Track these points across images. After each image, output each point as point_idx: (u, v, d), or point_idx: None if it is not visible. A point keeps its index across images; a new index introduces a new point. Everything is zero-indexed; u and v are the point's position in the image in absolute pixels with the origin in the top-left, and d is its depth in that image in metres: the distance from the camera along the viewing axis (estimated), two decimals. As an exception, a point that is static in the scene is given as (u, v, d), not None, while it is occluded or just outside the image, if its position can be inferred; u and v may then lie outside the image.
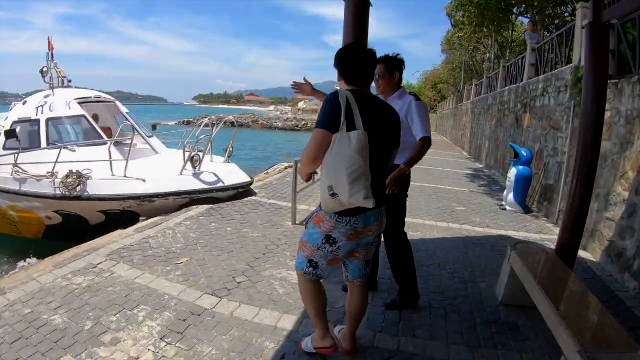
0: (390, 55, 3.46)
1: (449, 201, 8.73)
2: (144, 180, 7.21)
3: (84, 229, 7.51)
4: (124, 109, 10.39)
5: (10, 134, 8.28)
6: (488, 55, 30.08)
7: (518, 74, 13.07)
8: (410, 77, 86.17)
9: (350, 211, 2.38)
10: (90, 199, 7.18)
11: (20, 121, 8.97)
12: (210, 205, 7.13)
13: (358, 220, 2.43)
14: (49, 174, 7.53)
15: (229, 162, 8.91)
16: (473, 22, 20.86)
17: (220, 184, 7.60)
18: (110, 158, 7.43)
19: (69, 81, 10.43)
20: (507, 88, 13.65)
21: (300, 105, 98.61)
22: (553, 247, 4.71)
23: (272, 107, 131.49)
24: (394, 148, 2.60)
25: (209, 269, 4.54)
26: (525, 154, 8.24)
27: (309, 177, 2.58)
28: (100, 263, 4.69)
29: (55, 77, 10.17)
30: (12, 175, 8.05)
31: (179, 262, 4.72)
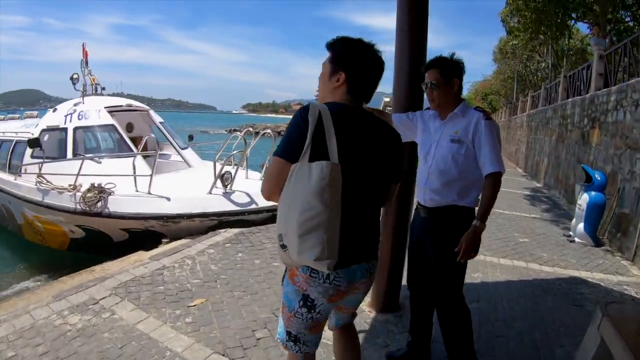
0: (445, 56, 2.68)
1: (510, 230, 7.68)
2: (168, 199, 6.60)
3: (109, 244, 7.07)
4: (158, 118, 9.92)
5: (33, 142, 7.89)
6: (543, 64, 28.63)
7: (583, 85, 11.92)
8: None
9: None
10: (110, 216, 6.66)
11: (49, 129, 8.63)
12: (240, 230, 6.37)
13: (339, 277, 1.82)
14: (71, 186, 7.09)
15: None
16: (529, 28, 19.78)
17: (253, 205, 6.78)
18: (135, 172, 6.85)
19: (103, 88, 10.06)
20: (569, 100, 12.45)
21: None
22: (634, 293, 4.25)
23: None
24: (392, 182, 2.02)
25: (225, 317, 3.79)
26: (598, 178, 7.14)
27: None
28: (103, 298, 4.12)
29: (89, 85, 9.84)
30: (36, 185, 7.75)
31: (192, 304, 4.01)
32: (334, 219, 1.66)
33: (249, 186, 7.19)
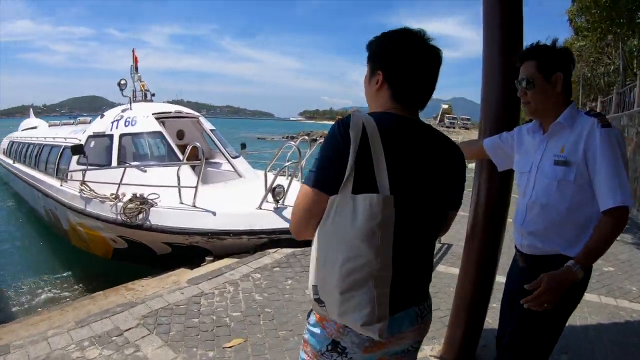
0: (545, 43, 1.96)
1: (592, 256, 6.63)
2: (214, 213, 5.99)
3: (152, 257, 6.65)
4: (208, 126, 9.39)
5: (75, 149, 7.60)
6: (612, 66, 26.78)
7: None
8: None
9: None
10: (151, 229, 6.16)
11: (95, 135, 8.35)
12: (292, 250, 5.64)
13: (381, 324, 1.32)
14: (112, 195, 6.69)
15: None
16: (598, 27, 18.41)
17: None
18: (179, 183, 6.32)
19: (152, 95, 9.68)
20: (650, 106, 11.15)
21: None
22: None
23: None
24: (450, 209, 1.55)
25: (265, 365, 3.12)
26: None
27: None
28: (130, 329, 3.60)
29: (139, 90, 9.55)
30: (79, 192, 7.47)
31: (229, 345, 3.37)
32: (386, 269, 1.25)
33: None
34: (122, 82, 8.44)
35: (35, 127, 16.77)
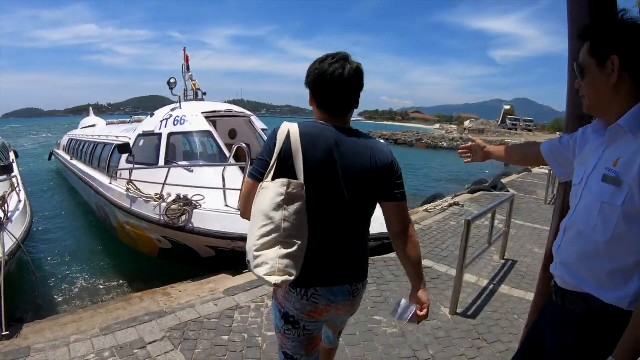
0: (600, 20, 1.51)
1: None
2: None
3: (196, 258, 6.45)
4: (259, 125, 9.07)
5: (122, 148, 7.48)
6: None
7: None
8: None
9: (306, 280, 1.74)
10: (193, 232, 5.89)
11: (145, 134, 8.25)
12: None
13: (317, 295, 1.79)
14: (157, 196, 6.49)
15: None
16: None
17: None
18: (224, 185, 5.99)
19: (204, 94, 9.48)
20: None
21: (466, 124, 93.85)
22: None
23: (437, 125, 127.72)
24: (383, 200, 1.87)
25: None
26: None
27: None
28: (154, 342, 3.33)
29: (190, 90, 9.40)
30: (126, 191, 7.33)
31: (257, 368, 2.98)
32: (295, 236, 1.62)
33: None
34: (172, 80, 8.25)
35: (93, 125, 17.19)
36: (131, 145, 8.33)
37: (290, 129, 1.70)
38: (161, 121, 7.98)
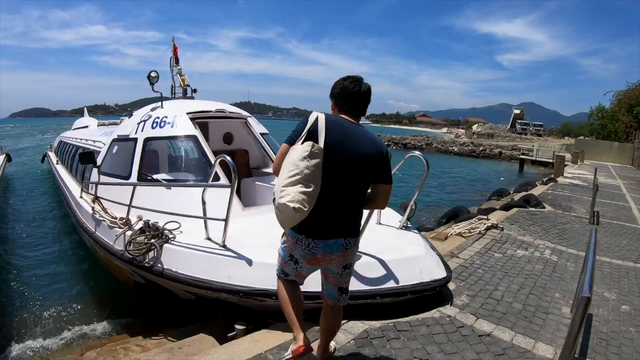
0: None
1: None
2: (249, 262, 4.01)
3: (175, 299, 5.03)
4: (258, 128, 7.37)
5: (83, 157, 6.07)
6: None
7: None
8: (602, 99, 77.95)
9: (309, 232, 2.53)
10: (162, 275, 4.37)
11: (120, 139, 6.79)
12: (368, 324, 3.69)
13: (316, 246, 2.53)
14: (122, 220, 5.08)
15: (407, 228, 5.09)
16: None
17: (389, 283, 3.95)
18: (204, 212, 4.35)
19: (194, 91, 7.91)
20: None
21: (475, 128, 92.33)
22: None
23: (444, 129, 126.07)
24: (375, 182, 2.64)
25: None
26: None
27: None
28: None
29: (178, 86, 7.89)
30: (92, 210, 6.04)
31: None
32: (312, 181, 2.37)
33: (383, 243, 4.45)
34: (153, 74, 6.71)
35: (86, 127, 15.83)
36: (104, 152, 6.94)
37: (318, 115, 2.53)
38: (138, 123, 6.51)
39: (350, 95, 2.59)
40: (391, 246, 4.42)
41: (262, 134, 7.21)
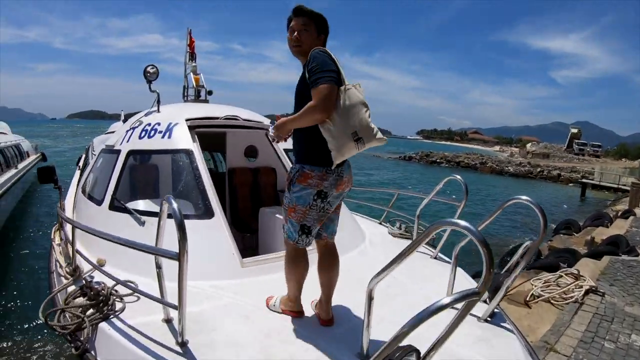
0: None
1: None
2: None
3: None
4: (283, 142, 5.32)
5: (42, 174, 4.59)
6: None
7: None
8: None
9: (339, 163, 2.50)
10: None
11: (106, 150, 5.23)
12: None
13: (343, 170, 2.57)
14: (69, 267, 3.58)
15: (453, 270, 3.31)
16: None
17: None
18: (160, 280, 2.66)
19: (209, 93, 6.26)
20: None
21: (529, 147, 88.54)
22: None
23: (496, 147, 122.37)
24: None
25: None
26: None
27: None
28: None
29: (191, 86, 6.27)
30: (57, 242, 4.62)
31: None
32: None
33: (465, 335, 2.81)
34: (151, 69, 5.03)
35: (113, 132, 14.68)
36: (90, 165, 5.53)
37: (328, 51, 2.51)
38: (127, 131, 4.99)
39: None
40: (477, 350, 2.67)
41: (288, 151, 5.26)
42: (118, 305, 2.97)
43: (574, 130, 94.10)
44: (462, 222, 1.78)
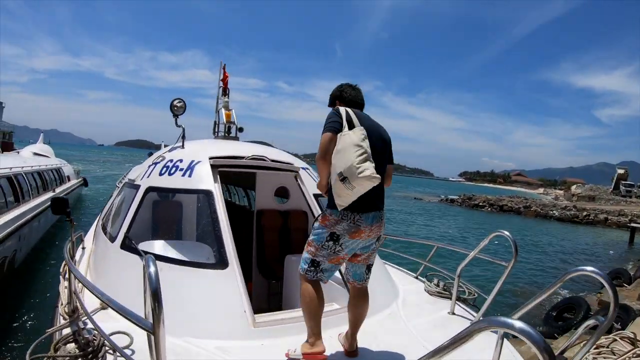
0: None
1: None
2: None
3: None
4: (311, 183, 4.90)
5: (55, 205, 4.26)
6: None
7: None
8: None
9: (354, 208, 2.68)
10: None
11: (129, 184, 5.03)
12: None
13: (361, 218, 2.71)
14: (69, 307, 3.30)
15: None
16: None
17: None
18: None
19: (239, 130, 5.97)
20: None
21: (574, 189, 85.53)
22: None
23: (540, 190, 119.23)
24: (387, 162, 2.99)
25: None
26: None
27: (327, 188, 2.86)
28: None
29: (222, 122, 5.94)
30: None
31: None
32: (372, 160, 2.67)
33: None
34: (178, 103, 4.86)
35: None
36: (112, 198, 5.28)
37: (345, 108, 2.85)
38: (149, 165, 4.75)
39: (353, 92, 3.08)
40: None
41: (317, 196, 4.74)
42: (109, 358, 2.68)
43: (621, 171, 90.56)
44: (518, 324, 1.43)
